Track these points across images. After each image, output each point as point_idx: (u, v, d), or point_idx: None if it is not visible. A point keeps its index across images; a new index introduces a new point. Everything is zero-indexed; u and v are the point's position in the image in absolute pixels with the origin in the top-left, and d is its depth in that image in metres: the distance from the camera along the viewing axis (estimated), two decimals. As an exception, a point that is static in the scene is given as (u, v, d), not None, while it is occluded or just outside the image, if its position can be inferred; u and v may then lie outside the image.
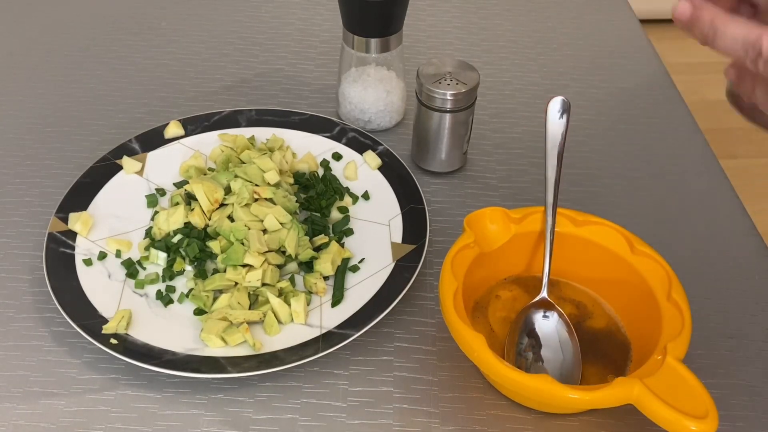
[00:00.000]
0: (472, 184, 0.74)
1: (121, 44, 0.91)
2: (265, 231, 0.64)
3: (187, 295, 0.62)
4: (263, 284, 0.61)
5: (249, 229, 0.63)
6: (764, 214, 0.99)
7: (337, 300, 0.61)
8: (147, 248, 0.64)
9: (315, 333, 0.59)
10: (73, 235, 0.65)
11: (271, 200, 0.65)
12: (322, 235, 0.66)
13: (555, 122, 0.60)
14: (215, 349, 0.57)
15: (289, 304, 0.60)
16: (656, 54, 0.92)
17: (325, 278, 0.63)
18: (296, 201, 0.67)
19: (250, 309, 0.60)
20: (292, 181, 0.69)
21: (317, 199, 0.68)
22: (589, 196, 0.73)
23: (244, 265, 0.61)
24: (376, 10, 0.69)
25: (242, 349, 0.57)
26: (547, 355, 0.56)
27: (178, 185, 0.71)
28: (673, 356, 0.49)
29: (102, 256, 0.64)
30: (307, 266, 0.63)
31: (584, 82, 0.87)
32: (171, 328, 0.59)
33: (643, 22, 1.03)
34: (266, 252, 0.62)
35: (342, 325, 0.59)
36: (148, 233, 0.66)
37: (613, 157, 0.77)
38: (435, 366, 0.59)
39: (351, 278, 0.63)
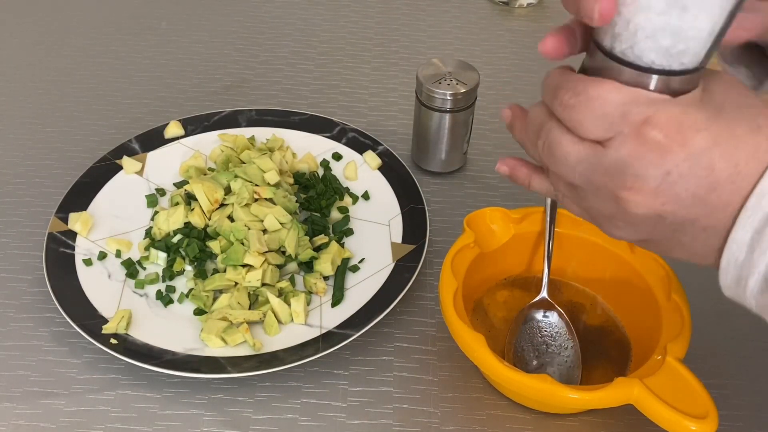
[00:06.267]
0: (472, 184, 0.74)
1: (121, 44, 0.91)
2: (265, 231, 0.64)
3: (187, 295, 0.62)
4: (263, 284, 0.61)
5: (249, 229, 0.63)
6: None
7: (337, 300, 0.61)
8: (147, 248, 0.64)
9: (315, 333, 0.59)
10: (73, 235, 0.65)
11: (271, 200, 0.65)
12: (322, 235, 0.66)
13: (555, 122, 0.60)
14: (215, 349, 0.57)
15: (289, 304, 0.60)
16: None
17: (325, 278, 0.63)
18: (296, 201, 0.67)
19: (250, 309, 0.60)
20: (292, 181, 0.69)
21: (317, 199, 0.68)
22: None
23: (244, 265, 0.61)
24: None
25: (242, 349, 0.57)
26: (546, 355, 0.56)
27: (178, 185, 0.71)
28: (673, 356, 0.49)
29: (102, 256, 0.64)
30: (307, 266, 0.63)
31: (584, 82, 0.87)
32: (171, 328, 0.59)
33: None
34: (266, 252, 0.62)
35: (342, 325, 0.59)
36: (148, 233, 0.66)
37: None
38: (435, 366, 0.59)
39: (351, 278, 0.63)
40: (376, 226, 0.68)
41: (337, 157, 0.74)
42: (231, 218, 0.64)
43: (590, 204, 0.40)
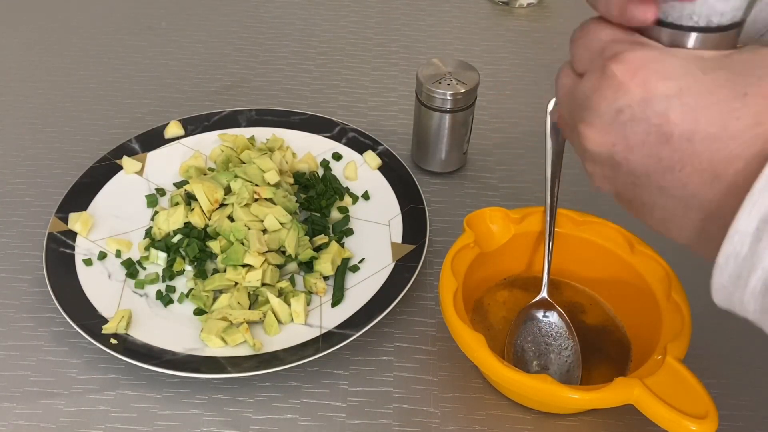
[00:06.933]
0: (472, 184, 0.74)
1: (121, 44, 0.91)
2: (265, 231, 0.64)
3: (187, 295, 0.62)
4: (263, 284, 0.61)
5: (249, 229, 0.63)
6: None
7: (337, 300, 0.61)
8: (147, 248, 0.64)
9: (315, 333, 0.59)
10: (73, 235, 0.65)
11: (271, 200, 0.65)
12: (322, 235, 0.66)
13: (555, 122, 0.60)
14: (215, 349, 0.57)
15: (289, 304, 0.60)
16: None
17: (325, 278, 0.63)
18: (296, 201, 0.67)
19: (250, 309, 0.60)
20: (292, 181, 0.69)
21: (317, 199, 0.68)
22: (589, 196, 0.72)
23: (244, 265, 0.61)
24: None
25: (242, 349, 0.57)
26: (547, 355, 0.56)
27: (178, 185, 0.71)
28: (673, 356, 0.49)
29: (102, 256, 0.64)
30: (307, 266, 0.63)
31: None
32: (171, 328, 0.59)
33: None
34: (266, 252, 0.62)
35: (342, 325, 0.59)
36: (148, 233, 0.66)
37: (613, 157, 0.77)
38: (435, 366, 0.59)
39: (351, 278, 0.63)
40: (376, 226, 0.68)
41: (337, 157, 0.74)
42: (231, 218, 0.64)
43: (571, 140, 0.39)
